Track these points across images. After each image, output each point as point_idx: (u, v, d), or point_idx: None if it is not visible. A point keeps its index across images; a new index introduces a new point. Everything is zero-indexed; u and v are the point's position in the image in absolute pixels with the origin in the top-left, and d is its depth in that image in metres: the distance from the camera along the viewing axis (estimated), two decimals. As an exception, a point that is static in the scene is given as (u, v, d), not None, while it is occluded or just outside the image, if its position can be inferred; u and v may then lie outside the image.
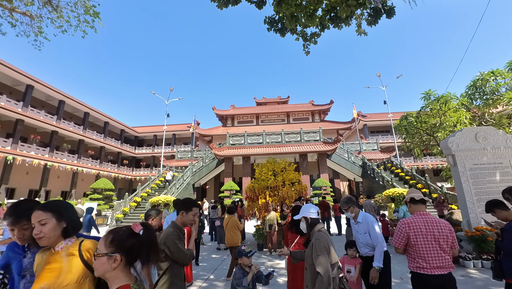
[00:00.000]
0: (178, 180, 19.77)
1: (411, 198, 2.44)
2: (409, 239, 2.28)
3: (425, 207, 2.43)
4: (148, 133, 38.89)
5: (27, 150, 21.96)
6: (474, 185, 5.80)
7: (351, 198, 3.21)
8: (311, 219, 2.42)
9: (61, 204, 1.49)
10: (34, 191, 24.29)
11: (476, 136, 6.11)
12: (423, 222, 2.28)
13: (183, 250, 2.17)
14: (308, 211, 2.44)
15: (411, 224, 2.30)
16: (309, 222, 2.41)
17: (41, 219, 1.35)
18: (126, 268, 1.16)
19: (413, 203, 2.45)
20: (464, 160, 6.00)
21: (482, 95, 9.66)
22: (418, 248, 2.22)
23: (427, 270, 2.18)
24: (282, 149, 20.95)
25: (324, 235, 2.26)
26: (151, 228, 1.29)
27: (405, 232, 2.30)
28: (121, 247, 1.15)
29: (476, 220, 5.59)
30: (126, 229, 1.22)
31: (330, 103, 33.07)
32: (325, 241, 2.20)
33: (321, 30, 6.95)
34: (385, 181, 17.55)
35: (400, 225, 2.36)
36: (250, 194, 8.63)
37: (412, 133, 8.88)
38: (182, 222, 2.34)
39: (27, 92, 22.83)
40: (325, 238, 2.23)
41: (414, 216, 2.37)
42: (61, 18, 11.37)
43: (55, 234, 1.37)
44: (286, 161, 9.04)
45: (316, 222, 2.41)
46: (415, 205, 2.45)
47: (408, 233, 2.28)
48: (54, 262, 1.31)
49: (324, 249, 2.14)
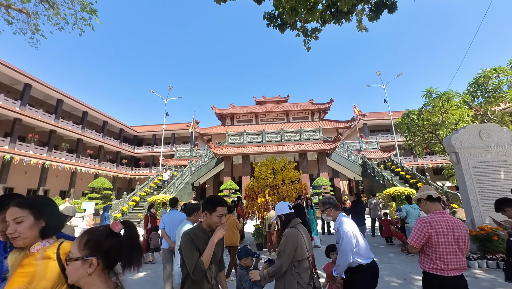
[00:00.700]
0: (177, 179, 19.64)
1: (429, 195, 2.30)
2: (429, 239, 2.14)
3: (441, 205, 2.30)
4: (148, 132, 38.76)
5: (25, 149, 21.81)
6: (478, 183, 5.68)
7: (330, 198, 2.80)
8: (284, 216, 2.35)
9: (40, 200, 1.34)
10: (32, 190, 24.14)
11: (480, 133, 5.99)
12: (444, 221, 2.15)
13: (191, 258, 1.75)
14: (280, 209, 2.39)
15: (433, 223, 2.15)
16: (282, 219, 2.35)
17: (17, 216, 1.21)
18: (104, 273, 1.02)
19: (430, 201, 2.31)
20: (468, 157, 5.88)
21: (484, 93, 9.53)
22: (438, 248, 2.09)
23: (444, 271, 2.06)
24: (282, 148, 20.82)
25: (294, 231, 2.21)
26: (133, 226, 1.15)
27: (427, 231, 2.14)
28: (97, 250, 1.01)
29: (480, 219, 5.47)
30: (103, 229, 1.07)
31: (330, 102, 32.93)
32: (292, 237, 2.16)
33: (322, 24, 6.82)
34: (386, 180, 17.44)
35: (421, 223, 2.19)
36: (249, 193, 8.51)
37: (413, 131, 8.75)
38: (208, 224, 1.97)
39: (25, 91, 22.68)
40: (294, 234, 2.18)
41: (434, 215, 2.22)
42: (58, 15, 11.20)
43: (32, 234, 1.22)
44: (286, 160, 8.91)
45: (290, 218, 2.35)
46: (432, 203, 2.31)
47: (429, 232, 2.13)
48: (28, 266, 1.16)
49: (289, 246, 2.11)
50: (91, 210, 13.57)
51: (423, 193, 2.37)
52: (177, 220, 4.37)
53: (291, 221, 2.32)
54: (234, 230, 5.06)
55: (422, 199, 2.36)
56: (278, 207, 2.42)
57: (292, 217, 2.35)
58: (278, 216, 2.38)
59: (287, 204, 2.41)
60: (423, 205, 2.37)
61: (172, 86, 25.22)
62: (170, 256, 4.29)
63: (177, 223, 4.35)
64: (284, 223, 2.33)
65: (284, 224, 2.33)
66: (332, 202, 2.74)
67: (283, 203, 2.43)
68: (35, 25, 11.35)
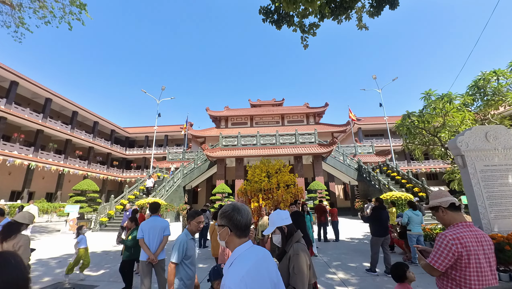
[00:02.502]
0: (168, 182, 18.98)
1: (452, 203, 1.82)
2: (458, 260, 1.67)
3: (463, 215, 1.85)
4: (140, 134, 37.97)
5: (9, 149, 20.90)
6: (486, 188, 5.32)
7: (226, 211, 1.50)
8: (287, 228, 1.90)
9: None
10: (16, 192, 23.15)
11: (486, 135, 5.66)
12: (473, 237, 1.69)
13: None
14: (281, 219, 1.92)
15: (462, 240, 1.67)
16: (285, 232, 1.90)
17: None
18: None
19: (453, 210, 1.83)
20: (475, 161, 5.52)
21: (483, 96, 9.32)
22: (469, 272, 1.63)
23: None
24: (277, 151, 20.40)
25: (305, 248, 1.79)
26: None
27: (456, 250, 1.66)
28: None
29: (488, 227, 5.10)
30: None
31: (325, 105, 32.82)
32: (306, 255, 1.75)
33: (321, 19, 6.45)
34: (382, 184, 17.16)
35: (447, 240, 1.70)
36: (242, 197, 8.03)
37: (414, 133, 8.43)
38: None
39: (11, 88, 21.84)
40: (306, 252, 1.78)
41: (460, 229, 1.74)
42: (45, 8, 10.61)
43: None
44: (281, 162, 8.48)
45: (293, 231, 1.91)
46: (455, 213, 1.83)
47: (459, 252, 1.65)
48: None
49: (304, 268, 1.68)
50: (75, 214, 12.85)
51: (442, 200, 1.87)
52: (158, 228, 3.86)
53: (294, 235, 1.88)
54: (223, 238, 4.56)
55: (441, 208, 1.87)
56: (278, 217, 1.94)
57: (294, 229, 1.92)
58: (279, 228, 1.91)
59: (288, 213, 1.96)
60: (442, 215, 1.87)
61: (165, 86, 24.64)
62: (148, 270, 3.77)
63: (158, 232, 3.85)
64: (287, 237, 1.89)
65: (286, 238, 1.89)
66: (228, 216, 1.36)
67: (283, 212, 1.97)
68: (19, 18, 10.74)
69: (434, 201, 1.92)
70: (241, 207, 1.36)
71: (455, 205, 1.83)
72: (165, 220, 4.04)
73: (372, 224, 5.74)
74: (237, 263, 1.18)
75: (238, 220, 1.30)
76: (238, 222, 1.30)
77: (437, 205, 1.88)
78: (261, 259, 1.23)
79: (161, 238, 3.87)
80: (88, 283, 5.23)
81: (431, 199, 1.96)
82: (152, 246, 3.78)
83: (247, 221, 1.32)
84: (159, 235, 3.86)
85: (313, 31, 6.66)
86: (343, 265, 6.15)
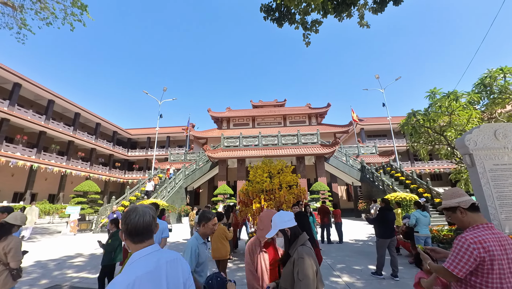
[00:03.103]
0: (170, 183, 18.89)
1: (472, 204, 1.65)
2: (480, 266, 1.51)
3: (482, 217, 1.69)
4: (142, 135, 38.00)
5: (12, 151, 20.96)
6: (495, 188, 5.13)
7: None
8: (291, 230, 1.74)
9: None
10: (19, 193, 23.20)
11: (495, 133, 5.47)
12: (496, 240, 1.53)
13: None
14: (283, 221, 1.76)
15: (485, 243, 1.51)
16: (288, 235, 1.74)
17: None
18: None
19: (473, 211, 1.66)
20: (484, 160, 5.34)
21: (489, 94, 9.12)
22: (492, 279, 1.47)
23: None
24: (279, 152, 20.25)
25: (311, 252, 1.64)
26: None
27: (477, 255, 1.49)
28: None
29: (499, 228, 4.91)
30: None
31: (327, 106, 32.61)
32: (312, 260, 1.59)
33: (324, 15, 6.32)
34: (385, 185, 16.93)
35: (467, 244, 1.53)
36: (244, 198, 7.88)
37: (419, 132, 8.24)
38: None
39: (14, 90, 21.91)
40: (312, 256, 1.62)
41: (482, 232, 1.58)
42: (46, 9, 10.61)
43: None
44: (283, 162, 8.32)
45: (298, 233, 1.75)
46: (475, 214, 1.66)
47: (481, 257, 1.49)
48: None
49: (309, 273, 1.53)
50: (76, 216, 12.78)
51: (461, 200, 1.69)
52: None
53: (298, 237, 1.72)
54: (223, 241, 4.42)
55: (459, 208, 1.69)
56: (280, 219, 1.78)
57: (299, 232, 1.76)
58: (282, 231, 1.76)
59: (292, 215, 1.80)
60: (460, 216, 1.69)
61: (166, 87, 24.61)
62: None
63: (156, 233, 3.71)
64: (291, 240, 1.73)
65: (290, 241, 1.73)
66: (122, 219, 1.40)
67: (286, 214, 1.81)
68: (21, 19, 10.75)
69: (451, 201, 1.74)
70: (139, 209, 1.24)
71: (475, 205, 1.66)
72: (163, 222, 3.92)
73: (378, 225, 5.56)
74: (124, 272, 1.09)
75: (127, 224, 1.19)
76: (128, 226, 1.18)
77: (456, 206, 1.70)
78: (156, 269, 1.13)
79: (159, 240, 3.75)
80: (86, 285, 5.11)
81: (446, 198, 1.78)
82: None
83: (137, 225, 1.18)
84: (157, 236, 3.74)
85: (316, 28, 6.53)
86: (348, 268, 5.97)
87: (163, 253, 1.23)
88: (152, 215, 1.26)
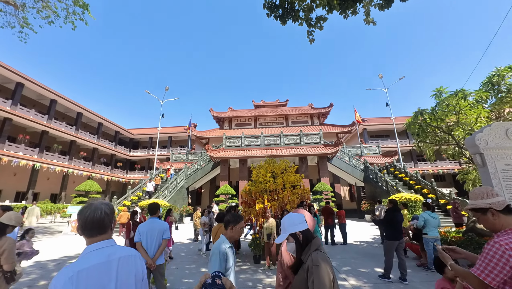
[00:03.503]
0: (171, 183, 18.79)
1: (507, 205, 1.50)
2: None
3: None
4: (144, 135, 38.00)
5: (14, 150, 20.97)
6: (508, 189, 4.96)
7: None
8: (302, 234, 1.58)
9: None
10: (21, 193, 23.23)
11: (507, 132, 5.30)
12: None
13: None
14: (294, 224, 1.61)
15: None
16: (300, 239, 1.58)
17: None
18: None
19: (507, 213, 1.51)
20: (495, 159, 5.17)
21: (497, 93, 8.92)
22: None
23: None
24: (281, 152, 20.09)
25: (326, 258, 1.48)
26: None
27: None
28: None
29: None
30: None
31: (330, 106, 32.41)
32: (328, 267, 1.44)
33: (329, 11, 6.19)
34: (389, 186, 16.71)
35: (502, 250, 1.37)
36: (246, 198, 7.74)
37: (426, 132, 8.05)
38: None
39: (17, 90, 21.95)
40: (327, 262, 1.46)
41: None
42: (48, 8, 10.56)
43: None
44: (286, 162, 8.17)
45: (310, 237, 1.59)
46: (508, 216, 1.50)
47: None
48: None
49: (326, 282, 1.38)
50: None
51: (494, 200, 1.53)
52: (157, 230, 3.60)
53: (311, 242, 1.56)
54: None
55: (491, 210, 1.53)
56: (290, 222, 1.62)
57: (312, 235, 1.60)
58: (292, 235, 1.61)
59: (303, 217, 1.63)
60: (491, 218, 1.53)
61: (168, 87, 24.54)
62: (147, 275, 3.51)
63: (156, 235, 3.59)
64: (302, 245, 1.57)
65: (302, 246, 1.57)
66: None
67: (296, 216, 1.65)
68: (23, 18, 10.70)
69: (481, 201, 1.58)
70: (92, 205, 1.26)
71: (509, 207, 1.51)
72: (164, 222, 3.79)
73: (386, 227, 5.38)
74: (71, 264, 1.13)
75: (79, 219, 1.23)
76: (80, 221, 1.23)
77: (487, 207, 1.55)
78: (105, 263, 1.15)
79: (159, 242, 3.61)
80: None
81: (475, 198, 1.62)
82: (150, 250, 3.52)
83: (87, 220, 1.21)
84: (158, 238, 3.60)
85: (320, 25, 6.39)
86: (354, 271, 5.81)
87: (118, 249, 1.25)
88: (105, 211, 1.26)
